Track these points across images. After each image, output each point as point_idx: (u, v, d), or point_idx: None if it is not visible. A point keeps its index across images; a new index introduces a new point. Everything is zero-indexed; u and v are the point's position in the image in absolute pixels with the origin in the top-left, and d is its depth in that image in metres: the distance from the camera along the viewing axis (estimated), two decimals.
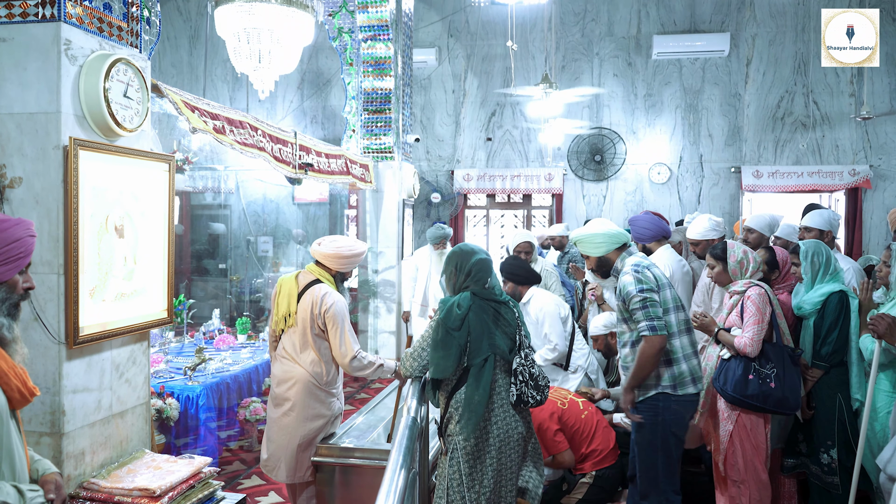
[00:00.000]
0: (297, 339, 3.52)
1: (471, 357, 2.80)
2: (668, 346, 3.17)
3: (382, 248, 7.77)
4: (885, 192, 9.54)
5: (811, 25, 9.68)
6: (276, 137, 5.28)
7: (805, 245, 3.68)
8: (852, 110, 9.52)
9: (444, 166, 10.72)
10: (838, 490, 3.54)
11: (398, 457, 1.91)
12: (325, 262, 3.60)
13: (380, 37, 7.72)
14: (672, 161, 10.12)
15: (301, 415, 3.48)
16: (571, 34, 10.29)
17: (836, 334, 3.52)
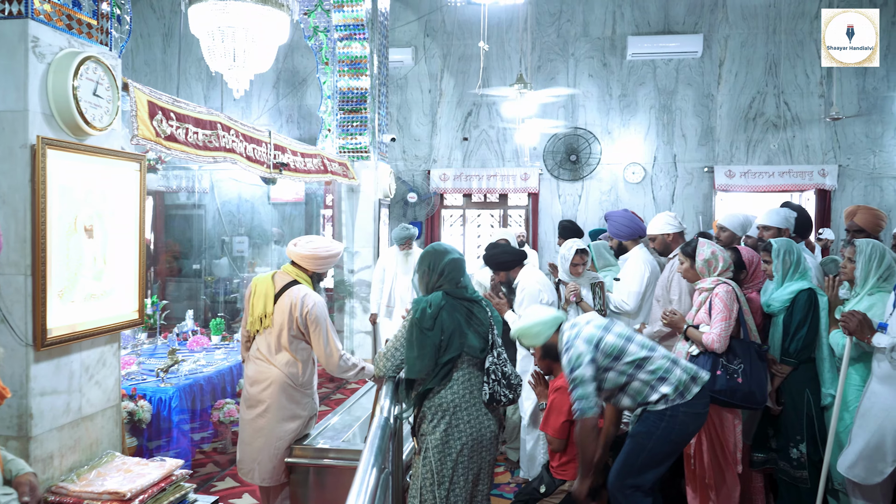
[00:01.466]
0: (272, 340, 3.48)
1: (444, 356, 2.81)
2: (653, 366, 3.08)
3: (358, 248, 7.75)
4: (854, 192, 9.71)
5: (782, 27, 9.83)
6: (250, 137, 5.25)
7: (777, 243, 3.75)
8: (822, 111, 9.69)
9: (421, 166, 10.72)
10: (807, 484, 3.61)
11: (370, 457, 1.91)
12: (301, 262, 3.56)
13: (355, 36, 7.70)
14: (646, 161, 10.22)
15: (277, 416, 3.45)
16: (547, 34, 10.34)
17: (805, 331, 3.59)
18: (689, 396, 3.06)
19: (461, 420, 2.81)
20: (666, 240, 4.48)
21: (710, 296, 3.52)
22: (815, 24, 9.76)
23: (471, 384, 2.86)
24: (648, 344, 3.18)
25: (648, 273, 4.58)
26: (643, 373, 3.07)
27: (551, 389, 3.64)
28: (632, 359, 3.07)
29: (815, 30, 9.75)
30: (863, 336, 3.09)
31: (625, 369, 3.07)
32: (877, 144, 9.71)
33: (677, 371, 3.10)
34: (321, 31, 7.83)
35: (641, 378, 3.07)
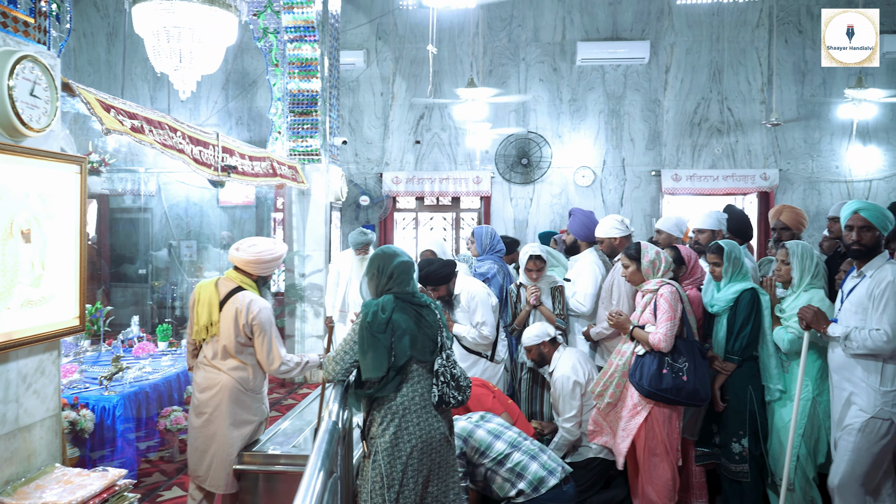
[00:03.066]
0: (219, 347, 3.44)
1: (395, 359, 2.81)
2: (512, 463, 3.38)
3: (310, 252, 7.68)
4: (794, 195, 10.05)
5: (725, 36, 10.11)
6: (197, 139, 5.16)
7: (727, 246, 3.87)
8: (763, 117, 9.99)
9: (373, 169, 10.68)
10: (747, 478, 3.73)
11: (317, 461, 1.90)
12: (245, 267, 3.52)
13: (306, 38, 7.64)
14: (596, 164, 10.38)
15: (227, 422, 3.41)
16: (498, 39, 10.43)
17: (749, 329, 3.71)
18: (543, 490, 3.33)
19: (410, 423, 2.81)
20: (613, 243, 4.56)
21: (655, 297, 3.61)
22: (756, 33, 10.07)
23: (420, 386, 2.86)
24: (513, 439, 3.45)
25: (600, 275, 4.66)
26: (504, 470, 3.37)
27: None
28: (495, 455, 3.38)
29: (757, 38, 10.07)
30: (819, 327, 3.26)
31: (489, 465, 3.38)
32: (815, 150, 10.07)
33: (534, 466, 3.38)
34: (271, 32, 7.74)
35: (503, 475, 3.37)
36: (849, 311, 3.21)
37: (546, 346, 4.17)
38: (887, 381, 3.09)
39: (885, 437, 3.11)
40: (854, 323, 3.15)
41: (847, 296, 3.26)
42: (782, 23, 10.01)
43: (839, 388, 3.25)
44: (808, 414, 3.48)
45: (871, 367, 3.11)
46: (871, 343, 3.04)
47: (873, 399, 3.10)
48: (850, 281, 3.29)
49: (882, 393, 3.09)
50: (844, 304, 3.26)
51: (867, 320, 3.11)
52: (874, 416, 3.09)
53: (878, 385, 3.09)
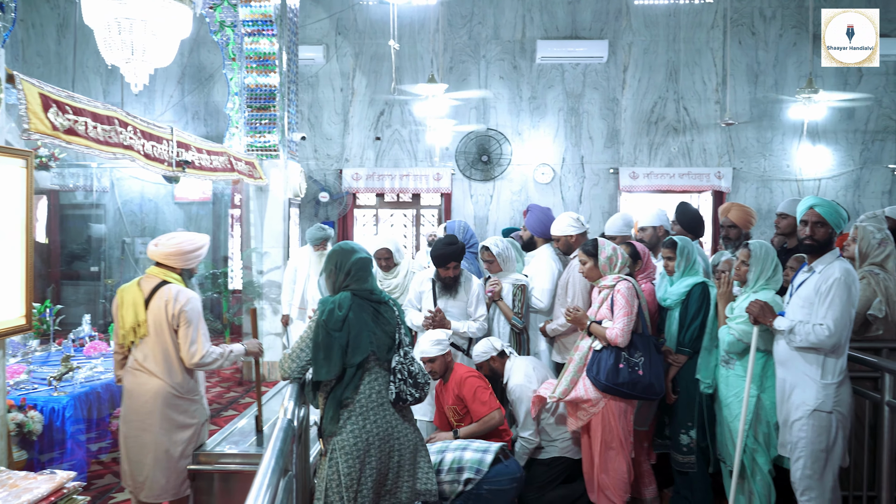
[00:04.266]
0: (149, 348, 3.29)
1: (350, 357, 2.79)
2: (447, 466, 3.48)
3: (268, 249, 7.59)
4: (747, 193, 10.29)
5: (681, 36, 10.30)
6: (150, 134, 5.04)
7: (681, 241, 3.94)
8: (717, 116, 10.20)
9: (333, 165, 10.61)
10: (694, 469, 3.82)
11: (270, 460, 1.88)
12: (167, 261, 3.38)
13: (264, 32, 7.53)
14: (555, 162, 10.47)
15: (163, 428, 3.27)
16: (459, 36, 10.44)
17: (699, 322, 3.81)
18: (485, 469, 3.43)
19: (368, 420, 2.80)
20: (569, 241, 4.60)
21: (612, 292, 3.66)
22: (711, 34, 10.27)
23: (378, 384, 2.85)
24: (439, 448, 3.56)
25: (557, 271, 4.70)
26: (444, 475, 3.45)
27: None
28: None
29: (712, 39, 10.27)
30: (766, 320, 3.32)
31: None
32: (767, 149, 10.32)
33: (468, 455, 3.48)
34: (228, 26, 7.62)
35: (446, 480, 3.45)
36: (796, 305, 3.28)
37: (495, 360, 4.16)
38: (828, 375, 3.16)
39: (830, 430, 3.17)
40: (801, 317, 3.22)
41: (796, 290, 3.34)
42: (736, 24, 10.23)
43: (783, 380, 3.33)
44: (753, 409, 3.55)
45: (814, 361, 3.19)
46: (814, 337, 3.12)
47: (815, 392, 3.16)
48: (799, 276, 3.37)
49: (823, 386, 3.16)
50: (793, 298, 3.33)
51: (812, 315, 3.19)
52: (817, 408, 3.16)
53: (819, 378, 3.17)
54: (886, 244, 4.02)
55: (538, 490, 3.98)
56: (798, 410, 3.22)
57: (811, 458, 3.18)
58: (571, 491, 4.04)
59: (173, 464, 3.30)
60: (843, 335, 3.13)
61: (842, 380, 3.18)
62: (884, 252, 4.00)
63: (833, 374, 3.17)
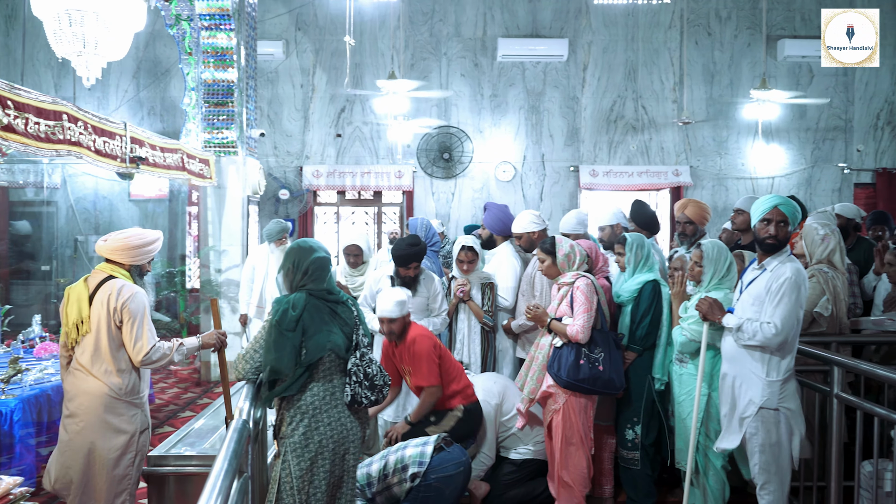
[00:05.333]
0: (90, 347, 3.15)
1: (304, 358, 2.76)
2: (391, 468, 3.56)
3: (226, 247, 7.47)
4: (703, 191, 10.48)
5: (640, 36, 10.44)
6: (102, 129, 4.92)
7: (631, 238, 3.98)
8: (675, 115, 10.37)
9: (293, 162, 10.50)
10: (637, 465, 3.86)
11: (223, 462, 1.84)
12: (115, 257, 3.26)
13: (221, 26, 7.41)
14: (517, 160, 10.53)
15: (97, 432, 3.12)
16: (420, 33, 10.42)
17: (649, 320, 3.84)
18: (428, 459, 3.48)
19: (321, 422, 2.77)
20: (531, 237, 4.63)
21: (572, 289, 3.69)
22: (668, 34, 10.43)
23: (332, 385, 2.82)
24: (382, 454, 3.62)
25: (519, 268, 4.73)
26: (391, 478, 3.51)
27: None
28: (376, 475, 3.53)
29: (669, 39, 10.43)
30: (714, 317, 3.36)
31: (380, 488, 3.52)
32: (722, 148, 10.53)
33: (409, 451, 3.55)
34: (184, 19, 7.47)
35: (393, 482, 3.51)
36: (746, 302, 3.29)
37: None
38: (773, 373, 3.19)
39: (779, 426, 3.21)
40: (750, 314, 3.23)
41: (746, 287, 3.36)
42: (693, 25, 10.41)
43: (731, 375, 3.35)
44: (704, 408, 3.60)
45: (759, 359, 3.21)
46: (761, 336, 3.14)
47: (761, 390, 3.19)
48: (750, 273, 3.39)
49: (769, 384, 3.18)
50: (742, 295, 3.34)
51: (762, 313, 3.23)
52: (763, 406, 3.19)
53: (764, 376, 3.19)
54: (829, 239, 4.10)
55: (505, 488, 4.01)
56: (747, 408, 3.24)
57: (765, 453, 3.22)
58: (532, 488, 4.07)
59: (105, 472, 3.14)
60: (789, 334, 3.16)
61: (787, 377, 3.22)
62: (827, 247, 4.09)
63: (778, 373, 3.20)
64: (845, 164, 10.54)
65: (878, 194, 10.44)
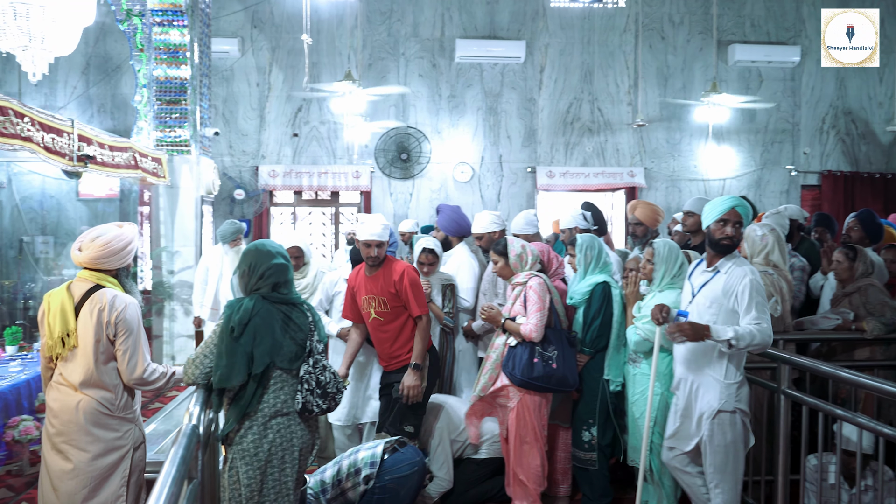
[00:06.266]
0: (79, 361, 2.90)
1: (255, 364, 2.70)
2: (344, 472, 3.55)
3: (179, 248, 7.33)
4: (657, 192, 10.67)
5: (595, 39, 10.57)
6: (49, 126, 4.78)
7: (581, 239, 4.02)
8: (630, 118, 10.53)
9: (249, 162, 10.35)
10: (594, 466, 3.90)
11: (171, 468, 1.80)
12: (99, 265, 2.98)
13: (174, 22, 7.27)
14: (474, 160, 10.56)
15: (89, 451, 2.88)
16: (378, 33, 10.37)
17: (599, 322, 3.87)
18: (377, 459, 3.50)
19: (271, 430, 2.73)
20: (492, 237, 4.67)
21: (525, 289, 3.73)
22: (623, 38, 10.59)
23: (283, 392, 2.77)
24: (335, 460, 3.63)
25: (477, 268, 4.75)
26: (345, 483, 3.51)
27: None
28: (330, 481, 3.52)
29: (624, 42, 10.59)
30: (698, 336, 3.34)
31: (334, 494, 3.51)
32: (676, 149, 10.73)
33: (361, 454, 3.56)
34: (135, 15, 7.30)
35: (347, 487, 3.51)
36: (702, 305, 3.29)
37: None
38: (730, 375, 3.24)
39: (735, 427, 3.25)
40: (707, 316, 3.24)
41: (699, 290, 3.36)
42: (647, 29, 10.58)
43: (687, 380, 3.37)
44: (660, 408, 3.65)
45: (717, 362, 3.24)
46: (761, 337, 3.08)
47: (719, 393, 3.22)
48: (700, 275, 3.40)
49: (726, 386, 3.23)
50: (696, 297, 3.34)
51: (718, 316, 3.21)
52: (721, 409, 3.22)
53: (722, 379, 3.23)
54: (766, 239, 4.20)
55: (465, 486, 4.02)
56: (705, 411, 3.26)
57: (720, 455, 3.26)
58: (490, 486, 4.09)
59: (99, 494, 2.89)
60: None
61: (742, 379, 3.29)
62: (766, 247, 4.19)
63: (734, 375, 3.25)
64: (793, 167, 10.84)
65: (823, 195, 10.77)
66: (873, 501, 3.45)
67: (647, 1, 10.46)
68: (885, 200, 10.61)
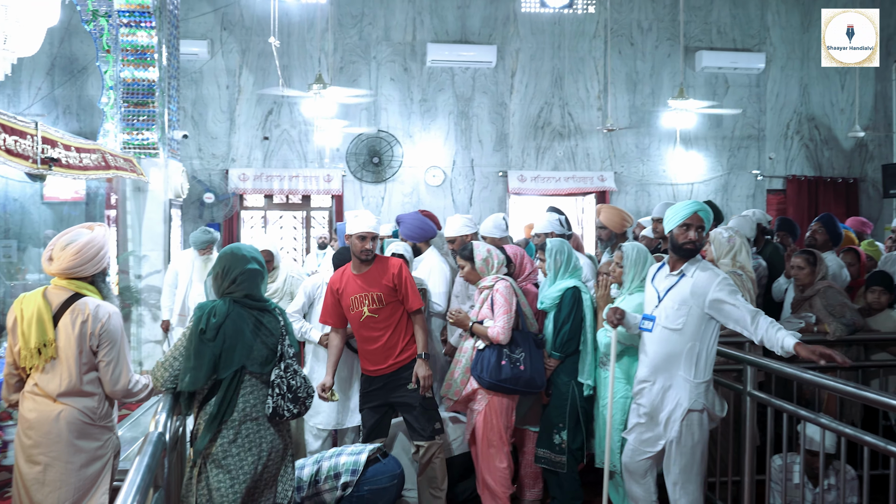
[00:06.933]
0: (58, 372, 2.80)
1: (224, 368, 2.68)
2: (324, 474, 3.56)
3: (147, 252, 7.21)
4: (627, 196, 10.79)
5: (566, 45, 10.67)
6: (12, 128, 4.68)
7: (550, 243, 4.05)
8: (600, 123, 10.64)
9: (219, 165, 10.24)
10: (564, 469, 3.93)
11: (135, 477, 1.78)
12: (73, 274, 2.88)
13: (142, 24, 7.16)
14: (446, 164, 10.58)
15: (72, 462, 2.79)
16: (349, 36, 10.35)
17: (570, 326, 3.90)
18: (361, 468, 3.49)
19: (240, 435, 2.71)
20: (465, 240, 4.67)
21: (491, 292, 3.75)
22: (593, 44, 10.70)
23: (254, 397, 2.75)
24: (315, 458, 3.64)
25: (448, 273, 4.75)
26: (322, 484, 3.51)
27: None
28: (308, 480, 3.52)
29: (594, 48, 10.70)
30: (624, 325, 3.44)
31: (310, 493, 3.51)
32: (645, 154, 10.87)
33: (343, 459, 3.54)
34: (102, 15, 7.18)
35: (324, 489, 3.51)
36: (670, 308, 3.31)
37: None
38: (700, 375, 3.28)
39: (702, 427, 3.29)
40: (675, 320, 3.27)
41: (665, 294, 3.36)
42: (616, 35, 10.71)
43: (657, 384, 3.36)
44: (626, 410, 3.68)
45: (689, 362, 3.27)
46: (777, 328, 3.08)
47: (689, 392, 3.25)
48: (665, 279, 3.41)
49: (696, 385, 3.26)
50: (664, 301, 3.35)
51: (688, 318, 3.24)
52: (690, 408, 3.25)
53: (693, 378, 3.26)
54: (734, 240, 4.31)
55: None
56: (674, 412, 3.29)
57: (686, 455, 3.29)
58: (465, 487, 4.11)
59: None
60: None
61: (710, 378, 3.34)
62: (733, 247, 4.29)
63: (704, 374, 3.30)
64: (759, 171, 11.05)
65: (788, 200, 10.99)
66: (836, 500, 3.52)
67: (616, 7, 10.58)
68: (847, 205, 10.87)
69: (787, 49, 10.99)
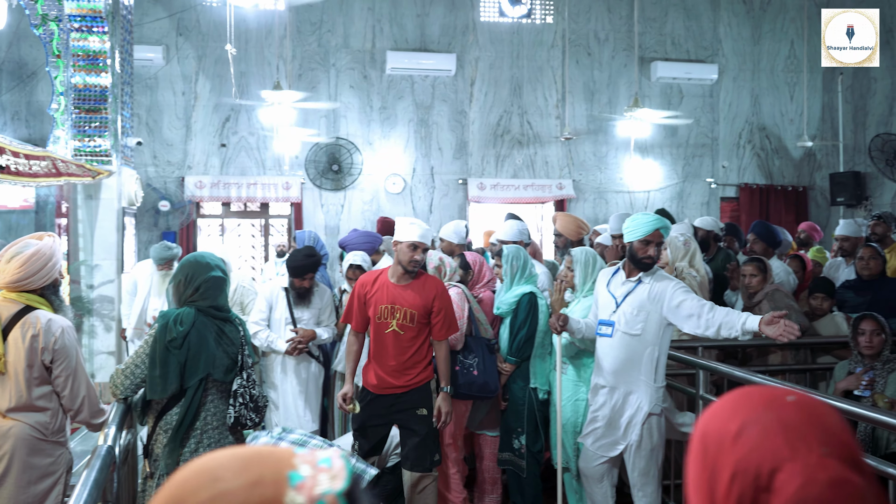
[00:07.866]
0: (9, 386, 2.73)
1: (189, 376, 2.65)
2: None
3: (99, 261, 7.04)
4: (586, 204, 10.92)
5: (524, 54, 10.78)
6: None
7: (507, 250, 4.09)
8: (558, 131, 10.77)
9: (174, 172, 10.07)
10: (524, 473, 3.96)
11: (82, 492, 1.73)
12: (20, 287, 2.81)
13: (94, 29, 7.01)
14: (406, 172, 10.58)
15: (23, 479, 2.71)
16: (308, 43, 10.29)
17: (525, 332, 3.94)
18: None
19: (201, 445, 2.67)
20: None
21: None
22: (551, 53, 10.83)
23: (214, 406, 2.73)
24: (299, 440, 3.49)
25: None
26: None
27: None
28: None
29: (552, 58, 10.83)
30: (570, 332, 3.50)
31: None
32: (602, 162, 11.02)
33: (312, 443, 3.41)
34: (52, 20, 7.01)
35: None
36: (629, 313, 3.37)
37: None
38: (658, 379, 3.36)
39: (660, 429, 3.36)
40: (633, 324, 3.34)
41: (623, 299, 3.42)
42: (574, 45, 10.86)
43: (618, 389, 3.40)
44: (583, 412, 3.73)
45: (650, 366, 3.33)
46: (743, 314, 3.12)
47: (649, 396, 3.32)
48: (621, 285, 3.47)
49: (656, 389, 3.34)
50: (622, 306, 3.40)
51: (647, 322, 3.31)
52: (650, 412, 3.32)
53: (653, 382, 3.33)
54: (689, 244, 4.47)
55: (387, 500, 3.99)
56: (635, 416, 3.33)
57: (645, 458, 3.35)
58: None
59: None
60: None
61: (665, 383, 3.41)
62: (689, 250, 4.44)
63: (661, 378, 3.37)
64: (712, 180, 11.29)
65: (741, 207, 11.26)
66: None
67: (573, 18, 10.74)
68: (797, 212, 11.19)
69: (738, 60, 11.27)
